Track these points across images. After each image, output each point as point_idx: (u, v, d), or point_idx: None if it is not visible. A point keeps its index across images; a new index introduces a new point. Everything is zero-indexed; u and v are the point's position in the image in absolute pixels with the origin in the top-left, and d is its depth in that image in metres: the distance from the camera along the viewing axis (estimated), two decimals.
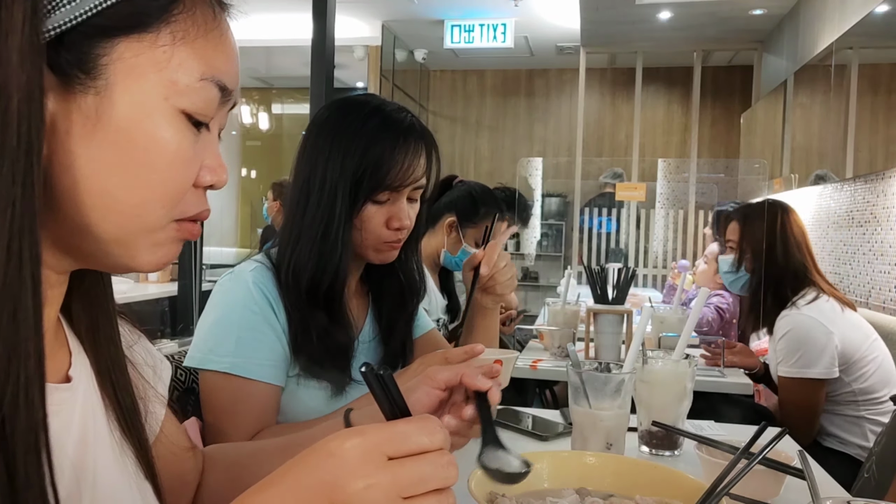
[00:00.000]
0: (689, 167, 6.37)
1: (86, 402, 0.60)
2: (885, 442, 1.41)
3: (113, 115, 0.51)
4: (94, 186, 0.51)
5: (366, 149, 1.15)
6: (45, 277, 0.53)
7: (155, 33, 0.52)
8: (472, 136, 8.21)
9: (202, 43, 0.54)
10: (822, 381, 2.02)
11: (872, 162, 3.38)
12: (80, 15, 0.49)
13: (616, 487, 0.91)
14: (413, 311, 1.34)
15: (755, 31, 5.74)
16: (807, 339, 2.02)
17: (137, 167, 0.52)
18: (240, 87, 0.59)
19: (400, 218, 1.18)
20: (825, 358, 2.00)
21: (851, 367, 2.04)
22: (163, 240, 0.56)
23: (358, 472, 0.49)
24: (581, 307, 2.46)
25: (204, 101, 0.55)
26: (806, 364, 2.01)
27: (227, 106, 0.59)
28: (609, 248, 6.48)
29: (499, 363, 1.08)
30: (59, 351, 0.61)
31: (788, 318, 2.06)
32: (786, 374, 2.05)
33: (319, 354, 1.15)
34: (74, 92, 0.50)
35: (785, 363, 2.05)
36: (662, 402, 1.26)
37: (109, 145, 0.51)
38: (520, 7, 5.89)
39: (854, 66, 3.59)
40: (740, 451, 0.85)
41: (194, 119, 0.55)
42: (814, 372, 2.01)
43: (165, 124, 0.53)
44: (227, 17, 0.58)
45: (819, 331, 2.02)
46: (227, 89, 0.57)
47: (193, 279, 3.85)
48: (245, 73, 8.09)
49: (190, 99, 0.54)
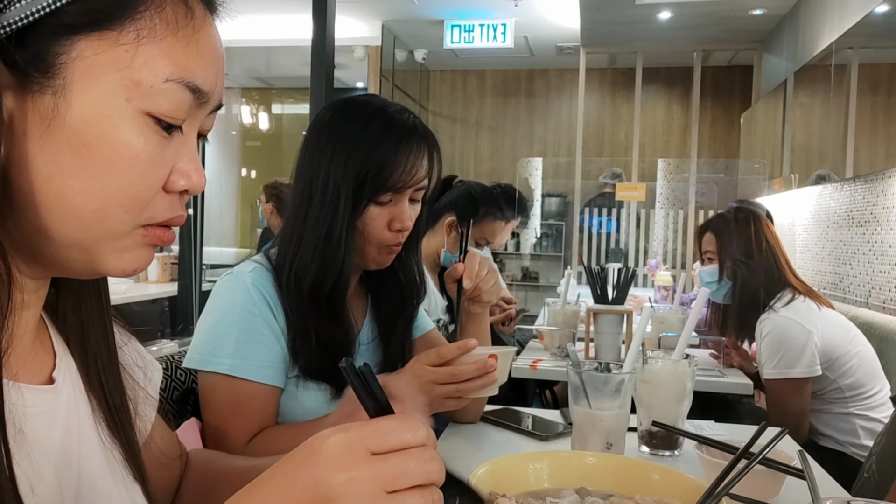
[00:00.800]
0: (689, 167, 6.37)
1: (70, 405, 0.60)
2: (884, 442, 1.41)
3: (70, 116, 0.49)
4: (52, 190, 0.50)
5: (369, 151, 1.15)
6: (19, 282, 0.53)
7: (117, 31, 0.50)
8: (472, 136, 8.21)
9: (171, 42, 0.52)
10: (805, 379, 2.03)
11: (872, 162, 3.38)
12: (35, 12, 0.48)
13: (616, 487, 0.91)
14: (413, 311, 1.34)
15: (755, 31, 5.74)
16: (785, 340, 2.04)
17: (96, 171, 0.50)
18: (226, 89, 0.57)
19: (402, 219, 1.18)
20: (805, 356, 2.02)
21: (835, 364, 2.06)
22: (129, 245, 0.54)
23: (340, 465, 0.49)
24: (581, 307, 2.46)
25: (171, 103, 0.52)
26: (787, 364, 2.04)
27: (206, 108, 0.56)
28: (609, 248, 6.48)
29: (494, 358, 1.08)
30: (41, 353, 0.60)
31: (767, 322, 2.09)
32: (770, 377, 2.07)
33: (319, 356, 1.15)
34: (32, 91, 0.49)
35: (767, 365, 2.07)
36: (662, 402, 1.26)
37: (66, 148, 0.49)
38: (520, 7, 5.89)
39: (854, 66, 3.59)
40: (740, 451, 0.85)
41: (164, 122, 0.52)
42: (796, 371, 2.03)
43: (126, 127, 0.51)
44: (208, 16, 0.55)
45: (797, 331, 2.04)
46: (200, 91, 0.54)
47: (193, 279, 3.85)
48: (245, 73, 8.09)
49: (155, 101, 0.51)
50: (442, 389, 1.07)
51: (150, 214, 0.54)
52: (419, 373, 1.07)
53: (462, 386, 1.07)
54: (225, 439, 1.08)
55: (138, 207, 0.52)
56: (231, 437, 1.09)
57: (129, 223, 0.53)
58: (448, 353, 1.07)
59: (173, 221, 0.56)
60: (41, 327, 0.61)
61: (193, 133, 0.56)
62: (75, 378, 0.62)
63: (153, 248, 0.55)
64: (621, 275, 2.13)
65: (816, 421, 2.13)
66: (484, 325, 1.38)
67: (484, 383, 1.08)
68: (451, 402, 1.09)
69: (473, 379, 1.07)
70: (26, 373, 0.56)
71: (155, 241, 0.55)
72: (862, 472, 1.45)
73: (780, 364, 2.04)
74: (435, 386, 1.06)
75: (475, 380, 1.07)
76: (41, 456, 0.54)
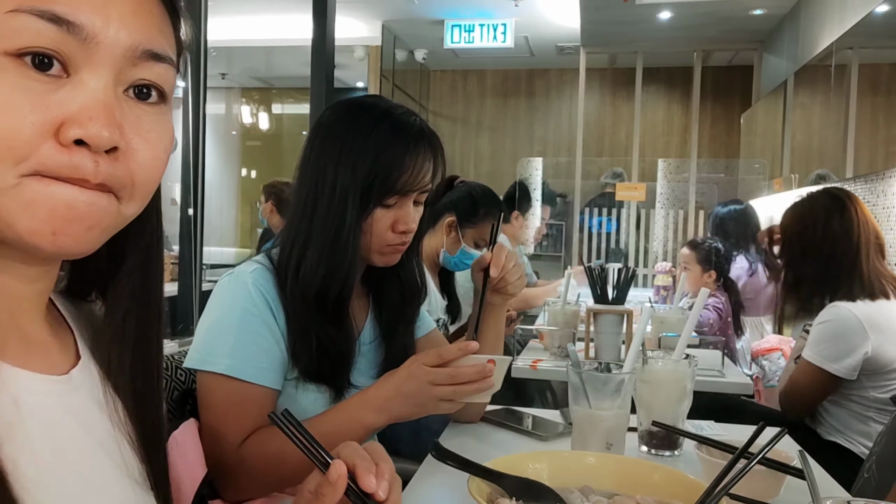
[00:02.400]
0: (689, 167, 6.37)
1: (84, 404, 0.59)
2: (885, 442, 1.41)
3: None
4: None
5: (377, 154, 1.15)
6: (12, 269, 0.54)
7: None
8: (472, 136, 8.21)
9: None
10: (837, 378, 2.01)
11: (872, 162, 3.38)
12: None
13: (616, 487, 0.91)
14: (414, 311, 1.34)
15: (755, 31, 5.74)
16: (840, 335, 2.00)
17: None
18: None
19: (406, 222, 1.18)
20: (850, 360, 1.98)
21: (877, 376, 2.02)
22: (27, 200, 0.49)
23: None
24: (581, 307, 2.46)
25: (23, 35, 0.47)
26: (829, 357, 2.01)
27: (101, 47, 0.50)
28: (609, 248, 6.48)
29: (492, 363, 1.08)
30: (57, 350, 0.60)
31: (834, 310, 2.03)
32: (807, 358, 2.05)
33: (320, 358, 1.15)
34: None
35: (811, 348, 2.05)
36: (662, 402, 1.26)
37: None
38: (520, 7, 5.88)
39: (854, 66, 3.59)
40: (740, 450, 0.85)
41: (28, 60, 0.48)
42: (833, 367, 2.00)
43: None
44: None
45: (855, 332, 1.98)
46: (68, 22, 0.48)
47: (193, 279, 3.85)
48: (245, 73, 8.08)
49: (7, 38, 0.47)
50: (439, 391, 1.07)
51: (33, 166, 0.48)
52: (417, 373, 1.07)
53: (459, 388, 1.07)
54: (220, 440, 1.08)
55: (10, 156, 0.47)
56: (226, 438, 1.09)
57: (5, 173, 0.48)
58: (449, 355, 1.07)
59: (72, 177, 0.49)
60: (58, 319, 0.61)
61: (97, 78, 0.50)
62: (95, 380, 0.61)
63: (69, 200, 0.50)
64: (621, 275, 2.13)
65: (829, 413, 2.11)
66: (501, 318, 1.38)
67: (481, 387, 1.08)
68: (445, 404, 1.09)
69: (471, 382, 1.07)
70: (31, 363, 0.56)
71: (56, 194, 0.49)
72: (862, 472, 1.46)
73: (822, 353, 2.01)
74: (432, 387, 1.06)
75: (472, 383, 1.07)
76: (29, 448, 0.53)
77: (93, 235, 0.52)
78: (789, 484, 1.03)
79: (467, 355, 1.08)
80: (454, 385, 1.06)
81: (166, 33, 0.56)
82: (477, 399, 1.11)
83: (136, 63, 0.52)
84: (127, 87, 0.53)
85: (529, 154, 7.69)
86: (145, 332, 0.64)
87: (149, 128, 0.54)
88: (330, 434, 1.04)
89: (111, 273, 0.63)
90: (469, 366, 1.07)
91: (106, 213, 0.52)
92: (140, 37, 0.52)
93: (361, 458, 0.67)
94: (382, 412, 1.09)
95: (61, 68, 0.49)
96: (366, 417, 1.09)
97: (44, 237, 0.50)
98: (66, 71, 0.50)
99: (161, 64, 0.54)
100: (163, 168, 0.56)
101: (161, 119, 0.55)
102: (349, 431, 1.08)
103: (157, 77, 0.54)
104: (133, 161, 0.52)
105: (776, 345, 2.94)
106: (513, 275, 1.32)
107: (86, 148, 0.49)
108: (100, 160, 0.50)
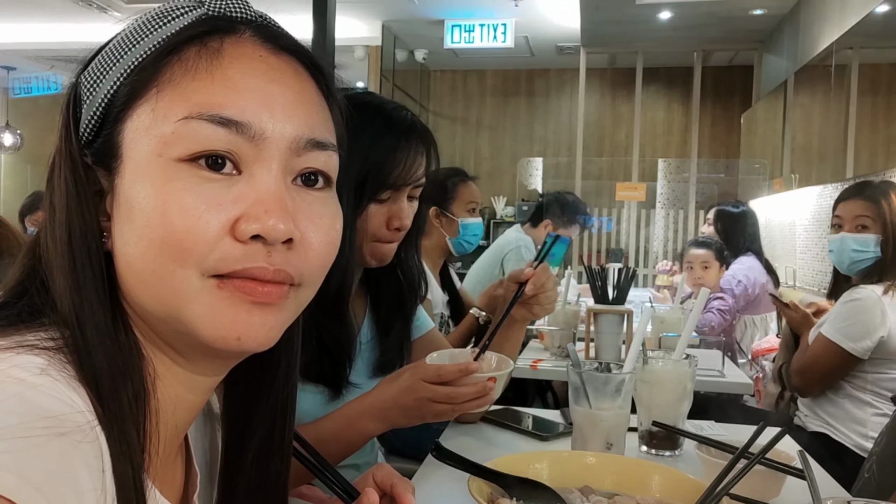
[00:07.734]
0: (689, 167, 6.38)
1: None
2: (885, 442, 1.41)
3: (121, 187, 0.51)
4: (124, 263, 0.51)
5: (369, 150, 1.15)
6: (178, 374, 0.55)
7: (144, 95, 0.51)
8: (472, 136, 8.21)
9: (188, 82, 0.50)
10: (851, 356, 2.03)
11: (872, 162, 3.39)
12: (97, 109, 0.51)
13: (616, 487, 0.91)
14: (411, 309, 1.34)
15: (755, 31, 5.74)
16: (862, 314, 2.03)
17: (143, 230, 0.49)
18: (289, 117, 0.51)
19: (400, 217, 1.18)
20: (867, 340, 2.02)
21: (888, 363, 2.05)
22: (209, 304, 0.50)
23: None
24: (581, 307, 2.46)
25: (197, 141, 0.49)
26: (847, 336, 2.03)
27: (270, 143, 0.51)
28: (609, 248, 6.48)
29: (492, 381, 1.08)
30: (178, 469, 0.60)
31: (860, 290, 2.06)
32: (825, 333, 2.07)
33: (318, 357, 1.15)
34: (113, 179, 0.52)
35: (831, 325, 2.07)
36: (663, 402, 1.26)
37: (125, 218, 0.50)
38: (520, 7, 5.88)
39: (854, 67, 3.59)
40: (740, 450, 0.85)
41: (204, 163, 0.50)
42: (849, 346, 2.03)
43: (160, 180, 0.49)
44: (254, 49, 0.53)
45: (875, 313, 2.01)
46: (236, 123, 0.50)
47: None
48: None
49: (181, 145, 0.49)
50: (437, 407, 1.07)
51: (213, 265, 0.49)
52: (416, 388, 1.07)
53: (458, 406, 1.07)
54: None
55: (191, 258, 0.49)
56: None
57: (188, 276, 0.49)
58: (448, 376, 1.07)
59: (252, 272, 0.50)
60: (184, 446, 0.62)
61: (267, 171, 0.51)
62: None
63: (249, 304, 0.51)
64: (621, 275, 2.13)
65: (830, 405, 2.13)
66: (520, 335, 1.38)
67: (480, 404, 1.08)
68: (443, 415, 1.10)
69: (471, 400, 1.07)
70: (164, 484, 0.55)
71: (237, 294, 0.50)
72: (862, 472, 1.46)
73: (842, 331, 2.04)
74: (430, 403, 1.07)
75: (472, 401, 1.07)
76: None
77: (273, 333, 0.53)
78: (789, 484, 1.03)
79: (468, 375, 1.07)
80: (453, 404, 1.07)
81: (325, 119, 0.57)
82: (476, 410, 1.12)
83: (300, 153, 0.53)
84: (294, 176, 0.54)
85: (529, 154, 7.70)
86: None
87: (319, 212, 0.55)
88: (329, 440, 1.05)
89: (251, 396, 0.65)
90: (469, 385, 1.07)
91: (282, 307, 0.53)
92: (303, 127, 0.53)
93: (399, 479, 0.75)
94: (381, 421, 1.10)
95: (233, 166, 0.51)
96: (365, 425, 1.10)
97: (228, 342, 0.51)
98: (237, 168, 0.51)
99: (325, 151, 0.55)
100: (335, 252, 0.56)
101: (329, 203, 0.57)
102: (349, 438, 1.09)
103: (322, 164, 0.55)
104: (308, 248, 0.53)
105: (776, 345, 2.94)
106: (546, 298, 1.32)
107: (261, 241, 0.50)
108: (272, 250, 0.51)
